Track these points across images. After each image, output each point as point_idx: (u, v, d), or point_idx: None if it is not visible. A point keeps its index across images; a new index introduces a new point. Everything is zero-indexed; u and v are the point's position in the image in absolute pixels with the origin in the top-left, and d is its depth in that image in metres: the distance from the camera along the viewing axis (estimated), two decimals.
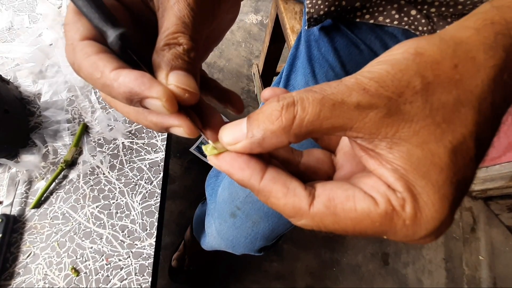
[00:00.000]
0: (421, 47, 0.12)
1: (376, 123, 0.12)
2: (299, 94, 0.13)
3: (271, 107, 0.13)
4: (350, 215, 0.12)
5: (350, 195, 0.13)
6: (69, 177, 0.47)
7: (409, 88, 0.12)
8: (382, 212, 0.12)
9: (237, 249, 0.45)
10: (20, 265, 0.42)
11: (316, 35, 0.42)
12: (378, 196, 0.12)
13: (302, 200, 0.13)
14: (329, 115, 0.12)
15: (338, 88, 0.12)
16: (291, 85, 0.40)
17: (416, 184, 0.12)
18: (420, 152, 0.12)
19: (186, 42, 0.15)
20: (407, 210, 0.12)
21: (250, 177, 0.13)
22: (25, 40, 0.53)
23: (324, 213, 0.13)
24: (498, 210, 1.09)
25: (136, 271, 0.43)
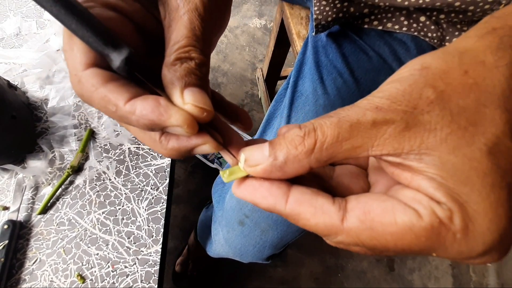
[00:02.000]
0: (426, 61, 0.13)
1: (397, 137, 0.12)
2: (317, 121, 0.13)
3: (293, 133, 0.13)
4: (390, 230, 0.11)
5: (388, 207, 0.12)
6: (76, 182, 0.46)
7: (422, 99, 0.12)
8: (427, 226, 0.11)
9: (245, 257, 0.44)
10: (26, 272, 0.42)
11: (324, 41, 0.42)
12: (421, 208, 0.11)
13: (333, 216, 0.12)
14: (347, 136, 0.12)
15: (352, 110, 0.12)
16: (298, 91, 0.40)
17: (460, 192, 0.11)
18: (454, 158, 0.11)
19: (198, 56, 0.14)
20: (455, 222, 0.11)
21: (275, 204, 0.13)
22: (33, 45, 0.53)
23: (359, 227, 0.12)
24: None
25: (142, 278, 0.43)
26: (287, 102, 0.40)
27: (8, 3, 0.56)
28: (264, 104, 1.09)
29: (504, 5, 0.32)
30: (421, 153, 0.12)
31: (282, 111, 0.40)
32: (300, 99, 0.39)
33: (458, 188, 0.11)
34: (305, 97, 0.39)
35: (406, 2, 0.35)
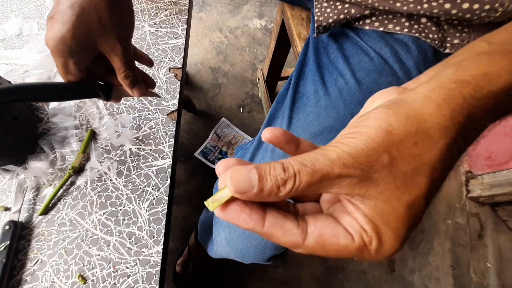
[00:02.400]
0: (391, 125, 0.16)
1: (351, 186, 0.16)
2: (297, 166, 0.16)
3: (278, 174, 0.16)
4: (334, 248, 0.17)
5: (335, 233, 0.17)
6: (77, 183, 0.47)
7: (378, 162, 0.16)
8: (356, 247, 0.16)
9: (247, 258, 0.44)
10: (28, 272, 0.42)
11: (325, 42, 0.42)
12: (354, 234, 0.16)
13: (297, 237, 0.17)
14: (316, 183, 0.16)
15: (324, 162, 0.16)
16: (300, 92, 0.40)
17: (380, 227, 0.16)
18: (384, 206, 0.16)
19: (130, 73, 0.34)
20: (373, 245, 0.16)
21: (254, 227, 0.17)
22: (34, 47, 0.53)
23: (315, 246, 0.17)
24: (506, 216, 1.08)
25: (143, 279, 0.43)
26: (288, 103, 0.40)
27: (9, 4, 0.56)
28: (264, 104, 1.09)
29: (500, 13, 0.32)
30: (364, 197, 0.16)
31: (283, 112, 0.40)
32: (301, 100, 0.39)
33: (379, 225, 0.16)
34: (306, 98, 0.39)
35: (405, 7, 0.35)
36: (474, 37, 0.38)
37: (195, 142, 1.09)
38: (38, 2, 0.57)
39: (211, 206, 0.17)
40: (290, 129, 0.38)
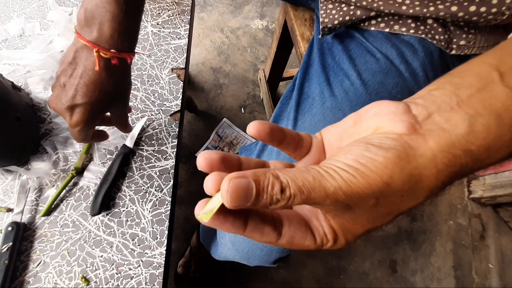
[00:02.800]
0: (392, 178, 0.17)
1: (332, 211, 0.18)
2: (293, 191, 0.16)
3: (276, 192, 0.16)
4: (299, 246, 0.19)
5: (304, 236, 0.19)
6: (80, 184, 0.46)
7: (365, 203, 0.17)
8: (316, 246, 0.19)
9: (252, 261, 0.44)
10: (30, 274, 0.41)
11: (330, 42, 0.41)
12: (317, 238, 0.19)
13: (272, 239, 0.19)
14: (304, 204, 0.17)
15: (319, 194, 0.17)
16: (305, 94, 0.39)
17: (339, 236, 0.19)
18: (349, 226, 0.19)
19: None
20: (327, 246, 0.19)
21: (236, 232, 0.19)
22: (36, 47, 0.53)
23: (284, 244, 0.19)
24: (508, 217, 1.08)
25: (147, 280, 0.43)
26: (293, 104, 0.40)
27: (11, 4, 0.56)
28: (266, 105, 1.09)
29: (507, 15, 0.32)
30: (337, 216, 0.18)
31: (288, 114, 0.40)
32: (306, 101, 0.39)
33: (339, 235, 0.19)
34: (311, 99, 0.38)
35: (410, 10, 0.35)
36: (480, 39, 0.38)
37: (196, 142, 1.08)
38: (41, 2, 0.57)
39: (205, 218, 0.17)
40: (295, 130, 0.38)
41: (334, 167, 0.17)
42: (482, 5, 0.32)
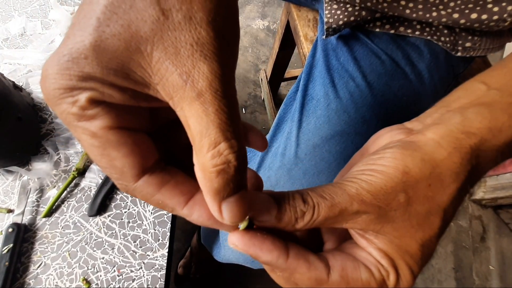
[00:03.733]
0: (408, 166, 0.17)
1: (367, 222, 0.16)
2: (316, 198, 0.16)
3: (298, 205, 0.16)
4: (358, 284, 0.16)
5: (356, 266, 0.16)
6: (81, 185, 0.46)
7: (395, 200, 0.16)
8: (378, 281, 0.16)
9: (256, 264, 0.44)
10: (31, 276, 0.41)
11: (334, 44, 0.41)
12: (373, 269, 0.16)
13: (322, 272, 0.16)
14: (333, 217, 0.16)
15: (343, 197, 0.16)
16: (309, 95, 0.39)
17: (396, 261, 0.16)
18: (398, 242, 0.16)
19: (234, 156, 0.13)
20: (391, 279, 0.16)
21: (278, 258, 0.15)
22: (38, 46, 0.52)
23: (340, 282, 0.16)
24: (509, 219, 1.08)
25: (148, 282, 0.42)
26: (297, 106, 0.39)
27: (12, 3, 0.55)
28: (267, 105, 1.08)
29: (509, 22, 0.32)
30: (378, 233, 0.16)
31: (293, 115, 0.40)
32: (311, 103, 0.38)
33: (395, 259, 0.16)
34: (316, 101, 0.38)
35: (414, 15, 0.35)
36: (486, 41, 0.37)
37: None
38: (42, 1, 0.56)
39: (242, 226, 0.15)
40: (300, 133, 0.38)
41: (349, 176, 0.17)
42: (483, 12, 0.32)
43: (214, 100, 0.12)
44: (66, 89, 0.12)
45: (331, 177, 0.35)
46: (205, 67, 0.12)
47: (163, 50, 0.12)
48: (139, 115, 0.15)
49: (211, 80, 0.12)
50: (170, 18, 0.12)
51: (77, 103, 0.12)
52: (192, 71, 0.12)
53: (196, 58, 0.12)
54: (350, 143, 0.36)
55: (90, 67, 0.12)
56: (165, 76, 0.12)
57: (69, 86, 0.12)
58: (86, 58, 0.12)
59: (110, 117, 0.13)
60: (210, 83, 0.12)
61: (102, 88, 0.12)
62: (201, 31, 0.12)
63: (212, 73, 0.12)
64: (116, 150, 0.13)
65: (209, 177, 0.13)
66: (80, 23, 0.12)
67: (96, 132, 0.13)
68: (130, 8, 0.12)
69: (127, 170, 0.13)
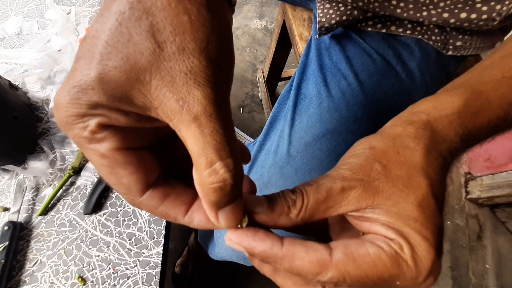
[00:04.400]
0: (372, 142, 0.18)
1: (358, 198, 0.17)
2: (301, 187, 0.17)
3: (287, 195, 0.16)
4: (367, 259, 0.15)
5: (360, 243, 0.16)
6: (77, 183, 0.46)
7: (373, 170, 0.17)
8: (389, 254, 0.15)
9: (249, 261, 0.44)
10: (27, 273, 0.41)
11: (327, 43, 0.42)
12: (381, 243, 0.16)
13: (323, 252, 0.15)
14: (323, 199, 0.16)
15: (326, 179, 0.17)
16: (302, 94, 0.40)
17: (403, 231, 0.16)
18: (395, 209, 0.16)
19: (229, 174, 0.14)
20: (405, 251, 0.15)
21: (272, 246, 0.15)
22: (34, 46, 0.53)
23: (345, 260, 0.15)
24: (505, 218, 1.08)
25: (143, 280, 0.43)
26: (290, 105, 0.40)
27: (9, 2, 0.56)
28: (264, 105, 1.09)
29: (498, 21, 0.33)
30: (374, 207, 0.16)
31: (285, 114, 0.40)
32: (304, 101, 0.39)
33: (400, 227, 0.16)
34: (309, 99, 0.38)
35: (405, 14, 0.36)
36: (476, 40, 0.38)
37: None
38: (38, 1, 0.57)
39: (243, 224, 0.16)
40: (292, 131, 0.38)
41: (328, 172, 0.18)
42: (473, 12, 0.33)
43: (209, 123, 0.13)
44: (78, 116, 0.14)
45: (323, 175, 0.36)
46: (199, 93, 0.13)
47: (160, 78, 0.13)
48: (143, 134, 0.16)
49: (205, 105, 0.13)
50: (165, 49, 0.13)
51: (87, 128, 0.14)
52: (188, 97, 0.13)
53: (190, 85, 0.13)
54: (342, 141, 0.36)
55: (97, 96, 0.13)
56: (164, 101, 0.13)
57: (80, 113, 0.14)
58: (93, 89, 0.13)
59: (117, 140, 0.14)
60: (204, 107, 0.13)
61: (109, 113, 0.14)
62: (194, 60, 0.13)
63: (206, 98, 0.13)
64: (123, 169, 0.15)
65: (207, 192, 0.14)
66: (85, 57, 0.13)
67: (105, 153, 0.14)
68: (128, 42, 0.13)
69: (133, 186, 0.15)
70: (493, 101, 0.20)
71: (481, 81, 0.21)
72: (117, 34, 0.13)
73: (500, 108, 0.21)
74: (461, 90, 0.20)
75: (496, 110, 0.21)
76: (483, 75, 0.22)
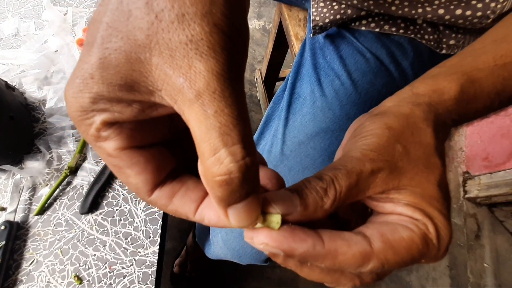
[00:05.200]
0: (387, 123, 0.18)
1: (385, 180, 0.16)
2: (331, 173, 0.16)
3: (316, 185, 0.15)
4: (403, 244, 0.15)
5: (393, 228, 0.15)
6: (73, 183, 0.46)
7: (396, 151, 0.17)
8: (420, 235, 0.15)
9: (244, 259, 0.44)
10: (23, 273, 0.42)
11: (321, 42, 0.42)
12: (410, 225, 0.15)
13: (364, 244, 0.15)
14: (355, 184, 0.16)
15: (354, 162, 0.16)
16: (296, 93, 0.40)
17: (427, 210, 0.16)
18: (419, 190, 0.16)
19: (235, 165, 0.11)
20: (431, 230, 0.16)
21: (314, 245, 0.14)
22: (31, 46, 0.53)
23: (384, 248, 0.15)
24: (503, 217, 1.08)
25: (139, 279, 0.43)
26: (285, 104, 0.40)
27: (6, 3, 0.56)
28: (262, 105, 1.09)
29: (492, 19, 0.33)
30: (399, 189, 0.16)
31: (280, 113, 0.41)
32: (298, 101, 0.39)
33: (425, 208, 0.16)
34: (302, 99, 0.39)
35: (399, 11, 0.36)
36: (469, 38, 0.38)
37: None
38: (35, 2, 0.57)
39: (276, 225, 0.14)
40: (286, 130, 0.38)
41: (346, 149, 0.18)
42: (468, 8, 0.33)
43: (213, 101, 0.11)
44: (82, 111, 0.13)
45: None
46: (201, 65, 0.11)
47: (160, 54, 0.11)
48: (154, 128, 0.15)
49: (208, 79, 0.11)
50: (163, 20, 0.11)
51: (93, 125, 0.13)
52: (189, 71, 0.11)
53: (191, 57, 0.11)
54: (335, 139, 0.36)
55: (97, 86, 0.12)
56: (165, 80, 0.12)
57: (84, 108, 0.13)
58: (93, 78, 0.12)
59: (122, 138, 0.13)
60: (207, 82, 0.11)
61: (111, 106, 0.13)
62: (195, 27, 0.11)
63: (209, 71, 0.11)
64: (129, 169, 0.14)
65: (212, 186, 0.12)
66: (87, 43, 0.13)
67: (111, 152, 0.13)
68: (128, 20, 0.12)
69: (140, 187, 0.14)
70: (484, 90, 0.21)
71: (476, 67, 0.21)
72: (118, 13, 0.12)
73: (488, 98, 0.21)
74: (457, 76, 0.21)
75: (485, 99, 0.21)
76: (477, 61, 0.22)
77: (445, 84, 0.20)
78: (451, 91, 0.20)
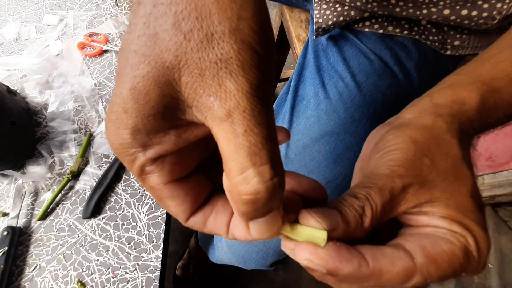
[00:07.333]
0: (412, 136, 0.18)
1: (416, 195, 0.16)
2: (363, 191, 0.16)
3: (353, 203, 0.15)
4: (444, 257, 0.15)
5: (433, 241, 0.15)
6: (75, 188, 0.46)
7: (424, 165, 0.17)
8: (461, 248, 0.15)
9: (249, 264, 0.44)
10: (26, 278, 0.41)
11: (324, 44, 0.42)
12: (451, 238, 0.15)
13: (407, 260, 0.14)
14: (388, 202, 0.16)
15: (383, 179, 0.16)
16: (300, 96, 0.39)
17: (464, 222, 0.16)
18: (452, 202, 0.16)
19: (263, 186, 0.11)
20: (470, 243, 0.15)
21: (360, 266, 0.14)
22: (33, 51, 0.53)
23: (427, 263, 0.14)
24: (507, 217, 1.08)
25: (143, 284, 0.42)
26: (288, 107, 0.40)
27: (7, 8, 0.56)
28: None
29: (498, 20, 0.33)
30: (432, 202, 0.16)
31: (283, 116, 0.40)
32: (301, 103, 0.39)
33: (461, 220, 0.16)
34: (306, 101, 0.38)
35: (404, 13, 0.35)
36: (474, 39, 0.38)
37: None
38: (36, 6, 0.57)
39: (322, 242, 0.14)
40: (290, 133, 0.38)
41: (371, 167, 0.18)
42: (474, 9, 0.33)
43: (243, 120, 0.11)
44: (124, 148, 0.13)
45: (321, 177, 0.36)
46: (231, 84, 0.11)
47: (189, 74, 0.12)
48: (191, 156, 0.15)
49: (239, 98, 0.11)
50: (192, 39, 0.11)
51: (136, 162, 0.13)
52: (219, 90, 0.11)
53: (221, 76, 0.11)
54: (340, 142, 0.36)
55: (132, 120, 0.12)
56: (195, 98, 0.12)
57: (124, 146, 0.13)
58: (126, 112, 0.12)
59: (164, 174, 0.14)
60: (237, 102, 0.11)
61: (149, 139, 0.13)
62: (223, 46, 0.11)
63: (239, 90, 0.11)
64: (170, 200, 0.15)
65: (236, 202, 0.12)
66: (118, 74, 0.13)
67: (154, 186, 0.14)
68: (155, 43, 0.11)
69: (179, 215, 0.16)
70: (505, 99, 0.21)
71: (495, 76, 0.21)
72: (144, 38, 0.12)
73: (509, 106, 0.21)
74: (476, 86, 0.20)
75: (505, 108, 0.21)
76: (496, 69, 0.21)
77: (465, 94, 0.20)
78: (472, 101, 0.20)
